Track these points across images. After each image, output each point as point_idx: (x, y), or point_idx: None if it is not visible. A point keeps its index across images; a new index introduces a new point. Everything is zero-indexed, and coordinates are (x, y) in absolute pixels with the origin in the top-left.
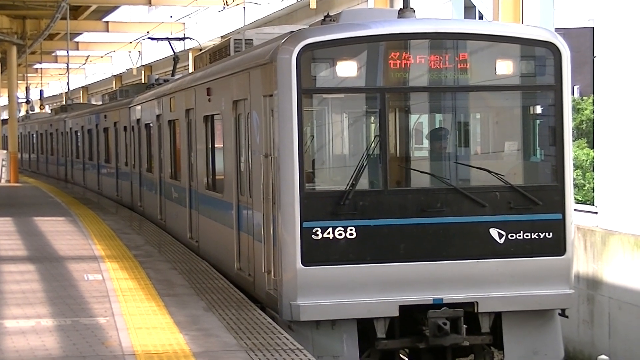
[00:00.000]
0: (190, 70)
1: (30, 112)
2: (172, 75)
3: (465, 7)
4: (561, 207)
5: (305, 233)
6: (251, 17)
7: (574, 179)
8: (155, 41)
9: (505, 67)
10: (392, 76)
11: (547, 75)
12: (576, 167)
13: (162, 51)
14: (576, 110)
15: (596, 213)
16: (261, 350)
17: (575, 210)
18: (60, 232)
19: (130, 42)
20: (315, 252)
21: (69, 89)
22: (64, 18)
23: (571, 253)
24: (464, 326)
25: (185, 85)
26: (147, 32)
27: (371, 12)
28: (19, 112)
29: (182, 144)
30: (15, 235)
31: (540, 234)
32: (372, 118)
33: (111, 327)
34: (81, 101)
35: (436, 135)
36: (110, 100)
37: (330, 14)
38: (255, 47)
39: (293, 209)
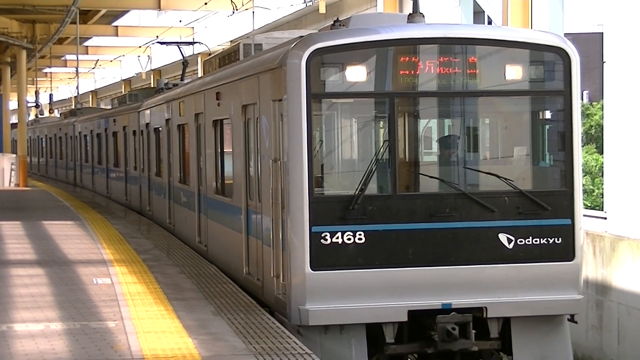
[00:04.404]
0: (200, 74)
1: (40, 116)
2: (181, 79)
3: (474, 12)
4: (570, 213)
5: (314, 238)
6: (260, 22)
7: (583, 185)
8: (165, 45)
9: (515, 72)
10: (401, 81)
11: (557, 80)
12: (585, 172)
13: (171, 55)
14: (585, 115)
15: (605, 218)
16: (270, 355)
17: (584, 215)
18: (69, 236)
19: (140, 47)
20: (324, 257)
21: (78, 93)
22: (73, 22)
23: (580, 258)
24: (473, 331)
25: (195, 90)
26: (157, 36)
27: (380, 17)
28: (29, 116)
29: (191, 148)
30: (25, 239)
31: (549, 239)
32: (381, 123)
33: (120, 331)
34: (90, 105)
35: (445, 142)
36: (119, 105)
37: (340, 19)
38: (264, 51)
39: (302, 214)
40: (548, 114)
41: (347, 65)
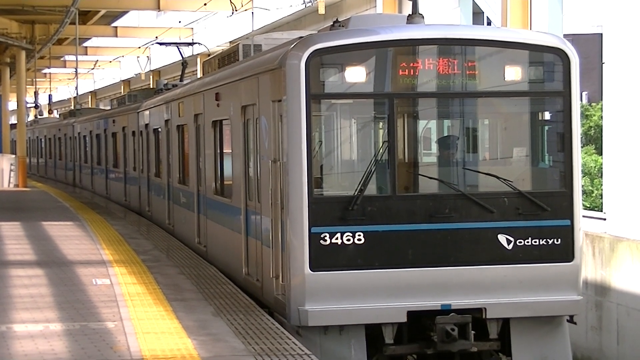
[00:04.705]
0: (199, 75)
1: (39, 117)
2: (181, 80)
3: (473, 13)
4: (569, 214)
5: (314, 238)
6: (260, 23)
7: (582, 186)
8: (164, 46)
9: (514, 73)
10: (401, 82)
11: (556, 81)
12: (584, 173)
13: (171, 56)
14: (584, 116)
15: (604, 219)
16: (269, 356)
17: (583, 216)
18: (68, 237)
19: (139, 47)
20: (324, 258)
21: (77, 93)
22: (72, 23)
23: (579, 259)
24: (472, 332)
25: (194, 91)
26: (156, 37)
27: (380, 18)
28: (28, 116)
29: (190, 149)
30: (24, 240)
31: (548, 240)
32: (381, 123)
33: (119, 331)
34: (90, 106)
35: (445, 143)
36: (118, 105)
37: (339, 20)
38: (263, 52)
39: (301, 214)
40: (547, 115)
41: (346, 66)
